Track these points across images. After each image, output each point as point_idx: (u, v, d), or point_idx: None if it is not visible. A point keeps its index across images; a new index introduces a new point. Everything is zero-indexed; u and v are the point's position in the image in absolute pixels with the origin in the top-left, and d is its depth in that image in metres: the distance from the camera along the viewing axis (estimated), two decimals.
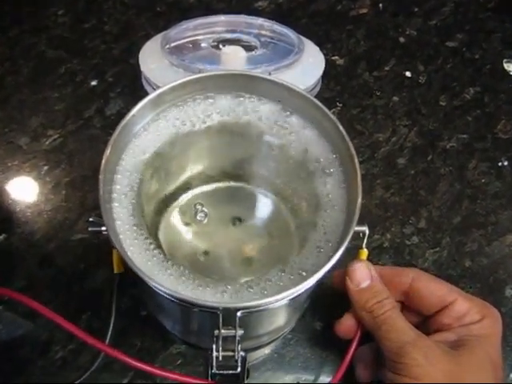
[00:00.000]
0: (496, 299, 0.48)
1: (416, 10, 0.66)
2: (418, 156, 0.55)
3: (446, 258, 0.50)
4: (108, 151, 0.32)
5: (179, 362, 0.44)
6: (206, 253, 0.41)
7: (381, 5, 0.66)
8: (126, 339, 0.44)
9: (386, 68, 0.61)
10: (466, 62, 0.62)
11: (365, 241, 0.36)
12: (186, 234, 0.42)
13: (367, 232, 0.35)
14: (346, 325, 0.38)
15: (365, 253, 0.36)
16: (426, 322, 0.39)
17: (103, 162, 0.32)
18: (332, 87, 0.58)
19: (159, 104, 0.36)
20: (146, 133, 0.36)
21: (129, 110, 0.54)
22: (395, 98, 0.59)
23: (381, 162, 0.54)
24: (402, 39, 0.63)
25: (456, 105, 0.59)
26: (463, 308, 0.37)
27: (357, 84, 0.59)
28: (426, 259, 0.50)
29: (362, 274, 0.36)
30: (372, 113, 0.57)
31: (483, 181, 0.54)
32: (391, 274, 0.39)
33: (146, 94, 0.52)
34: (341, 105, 0.57)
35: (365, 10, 0.65)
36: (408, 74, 0.60)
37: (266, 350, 0.45)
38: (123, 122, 0.33)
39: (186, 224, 0.42)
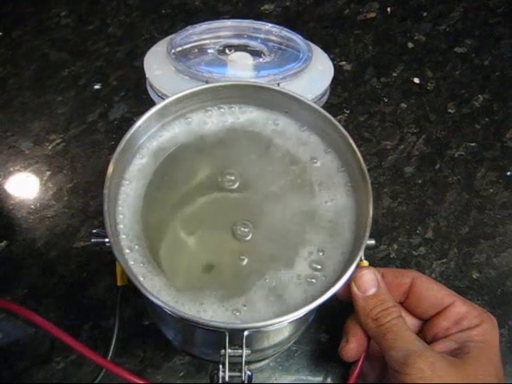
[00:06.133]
0: (504, 312, 0.47)
1: (425, 14, 0.64)
2: (425, 165, 0.54)
3: (453, 269, 0.49)
4: (112, 167, 0.31)
5: (182, 373, 0.43)
6: (207, 264, 0.40)
7: (389, 9, 0.65)
8: (128, 350, 0.44)
9: (394, 74, 0.59)
10: (475, 68, 0.61)
11: (361, 253, 0.35)
12: (188, 243, 0.41)
13: (373, 244, 0.34)
14: (353, 348, 0.37)
15: (365, 264, 0.36)
16: (423, 328, 0.39)
17: (107, 176, 0.31)
18: (339, 93, 0.57)
19: (165, 114, 0.35)
20: (151, 144, 0.35)
21: (133, 114, 0.55)
22: (403, 105, 0.58)
23: (388, 170, 0.54)
24: (410, 44, 0.62)
25: (465, 112, 0.58)
26: (461, 311, 0.36)
27: (364, 90, 0.58)
28: (433, 270, 0.49)
29: (369, 281, 0.35)
30: (380, 120, 0.56)
31: (491, 190, 0.53)
32: (392, 274, 0.39)
33: (150, 100, 0.51)
34: (348, 111, 0.56)
35: (373, 15, 0.64)
36: (416, 80, 0.59)
37: (271, 363, 0.44)
38: (128, 135, 0.32)
39: (189, 234, 0.41)
